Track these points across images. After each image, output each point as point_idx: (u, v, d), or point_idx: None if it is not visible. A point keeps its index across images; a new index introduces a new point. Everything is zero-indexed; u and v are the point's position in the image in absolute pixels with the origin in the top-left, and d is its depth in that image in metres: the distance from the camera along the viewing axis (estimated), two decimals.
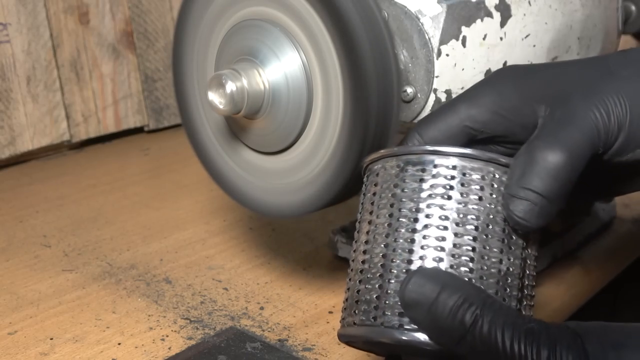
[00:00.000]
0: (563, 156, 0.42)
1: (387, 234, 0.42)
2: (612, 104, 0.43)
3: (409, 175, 0.43)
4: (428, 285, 0.40)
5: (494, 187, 0.42)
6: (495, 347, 0.38)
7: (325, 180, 0.51)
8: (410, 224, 0.42)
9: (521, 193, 0.42)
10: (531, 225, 0.42)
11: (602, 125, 0.43)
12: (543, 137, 0.43)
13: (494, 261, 0.41)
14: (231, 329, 0.63)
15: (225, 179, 0.58)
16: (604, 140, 0.43)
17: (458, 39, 0.55)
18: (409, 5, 0.54)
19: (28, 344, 0.62)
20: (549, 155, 0.42)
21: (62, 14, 1.03)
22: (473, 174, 0.42)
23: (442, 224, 0.41)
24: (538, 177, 0.41)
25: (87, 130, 1.08)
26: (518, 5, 0.57)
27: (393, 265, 0.42)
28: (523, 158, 0.42)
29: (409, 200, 0.42)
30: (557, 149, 0.42)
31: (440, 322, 0.39)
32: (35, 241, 0.80)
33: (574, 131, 0.42)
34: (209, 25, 0.55)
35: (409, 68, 0.55)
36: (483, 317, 0.39)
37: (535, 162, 0.42)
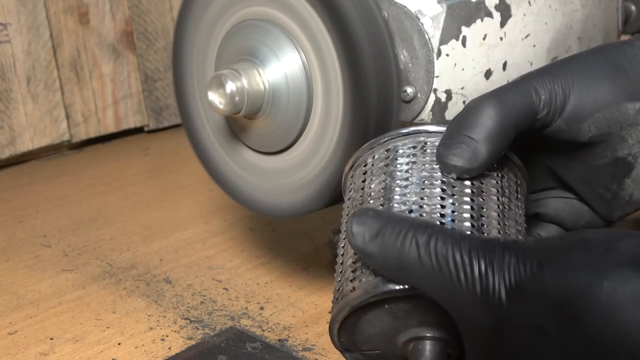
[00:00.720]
0: (494, 105, 0.43)
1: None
2: (560, 72, 0.45)
3: (377, 161, 0.45)
4: (375, 220, 0.40)
5: (427, 151, 0.44)
6: (455, 265, 0.38)
7: (325, 180, 0.51)
8: (366, 200, 0.44)
9: (454, 139, 0.43)
10: (463, 166, 0.42)
11: (544, 88, 0.45)
12: (482, 95, 0.45)
13: (435, 206, 0.42)
14: (231, 329, 0.63)
15: (225, 179, 0.58)
16: (546, 100, 0.45)
17: (458, 39, 0.55)
18: (409, 5, 0.54)
19: (28, 344, 0.62)
20: (481, 104, 0.44)
21: (62, 14, 1.03)
22: (406, 148, 0.45)
23: (391, 188, 0.43)
24: (468, 123, 0.43)
25: (87, 130, 1.08)
26: (518, 5, 0.57)
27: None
28: (460, 113, 0.45)
29: (375, 182, 0.45)
30: (489, 99, 0.44)
31: (388, 249, 0.39)
32: (35, 241, 0.80)
33: (510, 88, 0.44)
34: (209, 25, 0.55)
35: (409, 68, 0.55)
36: (436, 236, 0.38)
37: (470, 112, 0.44)
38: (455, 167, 0.43)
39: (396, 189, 0.43)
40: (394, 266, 0.39)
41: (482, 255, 0.37)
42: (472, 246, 0.38)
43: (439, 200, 0.42)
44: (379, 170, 0.45)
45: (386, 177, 0.44)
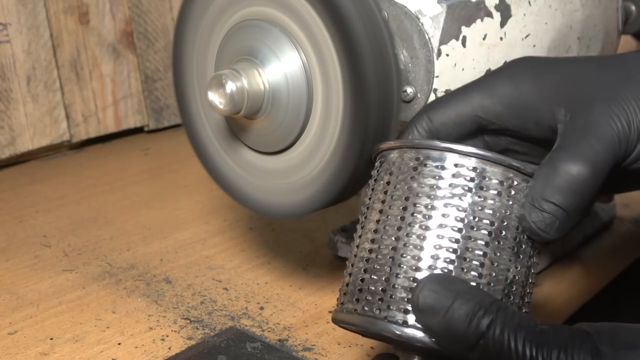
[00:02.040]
0: (586, 170, 0.42)
1: (399, 227, 0.42)
2: (631, 111, 0.43)
3: (428, 170, 0.42)
4: (443, 292, 0.40)
5: (512, 195, 0.42)
6: (508, 351, 0.38)
7: (325, 180, 0.51)
8: (424, 221, 0.42)
9: (543, 205, 0.41)
10: (549, 237, 0.42)
11: (623, 135, 0.43)
12: (566, 148, 0.43)
13: (503, 268, 0.41)
14: (231, 329, 0.63)
15: (226, 179, 0.58)
16: (625, 150, 0.43)
17: (458, 39, 0.55)
18: (409, 5, 0.54)
19: (28, 344, 0.62)
20: (573, 169, 0.42)
21: (62, 14, 1.03)
22: (493, 178, 0.42)
23: (457, 225, 0.41)
24: (561, 190, 0.41)
25: (87, 130, 1.08)
26: (518, 5, 0.57)
27: (403, 260, 0.41)
28: (546, 169, 0.42)
29: (425, 197, 0.42)
30: (581, 163, 0.42)
31: (454, 328, 0.39)
32: (35, 241, 0.80)
33: (596, 143, 0.42)
34: (209, 25, 0.55)
35: (409, 68, 0.55)
36: (496, 322, 0.39)
37: (559, 174, 0.42)
38: (539, 236, 0.42)
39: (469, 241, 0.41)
40: (449, 338, 0.40)
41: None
42: (527, 337, 0.39)
43: (507, 263, 0.42)
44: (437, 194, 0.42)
45: (456, 213, 0.42)
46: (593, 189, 0.42)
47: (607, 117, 0.43)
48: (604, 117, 0.43)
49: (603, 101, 0.43)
